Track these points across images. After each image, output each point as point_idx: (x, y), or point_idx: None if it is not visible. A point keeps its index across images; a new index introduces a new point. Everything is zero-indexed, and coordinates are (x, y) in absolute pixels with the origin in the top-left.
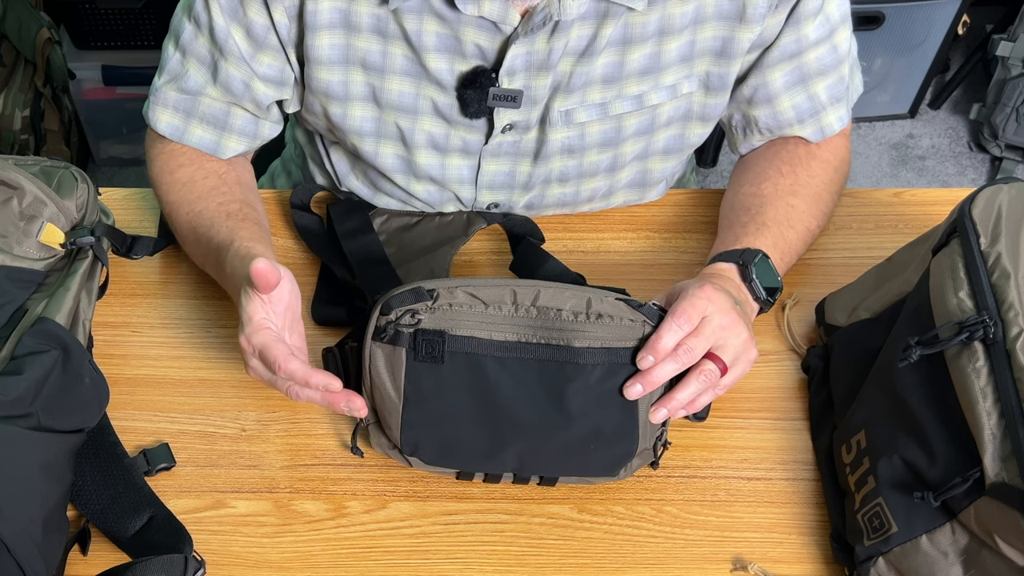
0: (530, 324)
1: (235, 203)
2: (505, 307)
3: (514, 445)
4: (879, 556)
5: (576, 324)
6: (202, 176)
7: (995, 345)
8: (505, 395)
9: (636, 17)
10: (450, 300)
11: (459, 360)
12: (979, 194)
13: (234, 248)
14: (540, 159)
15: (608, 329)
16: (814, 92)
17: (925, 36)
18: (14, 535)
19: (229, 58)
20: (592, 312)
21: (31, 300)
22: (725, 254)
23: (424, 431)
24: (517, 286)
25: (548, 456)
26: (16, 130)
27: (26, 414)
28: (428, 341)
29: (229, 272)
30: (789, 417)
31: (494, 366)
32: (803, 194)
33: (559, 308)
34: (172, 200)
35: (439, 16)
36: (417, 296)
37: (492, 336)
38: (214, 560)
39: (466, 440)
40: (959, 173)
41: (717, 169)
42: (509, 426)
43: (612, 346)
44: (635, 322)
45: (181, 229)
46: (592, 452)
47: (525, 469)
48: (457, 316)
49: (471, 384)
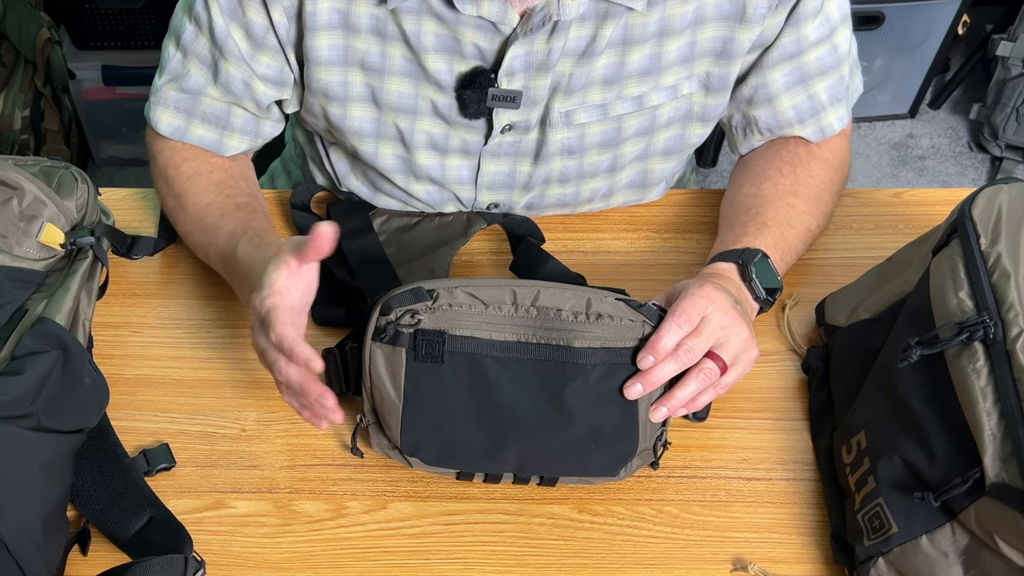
0: (530, 324)
1: (243, 196)
2: (505, 307)
3: (514, 445)
4: (879, 556)
5: (576, 324)
6: (208, 170)
7: (995, 345)
8: (505, 395)
9: (636, 18)
10: (450, 300)
11: (459, 360)
12: (979, 194)
13: (248, 236)
14: (540, 160)
15: (608, 329)
16: (814, 92)
17: (925, 36)
18: (14, 535)
19: (229, 58)
20: (592, 312)
21: (31, 300)
22: (725, 254)
23: (424, 431)
24: (517, 286)
25: (548, 456)
26: (16, 130)
27: (26, 414)
28: (428, 341)
29: (241, 258)
30: (789, 417)
31: (494, 366)
32: (803, 194)
33: (559, 308)
34: (177, 192)
35: (438, 17)
36: (417, 296)
37: (492, 336)
38: (214, 560)
39: (466, 441)
40: (959, 173)
41: (717, 169)
42: (509, 426)
43: (612, 346)
44: (635, 322)
45: (185, 222)
46: (592, 452)
47: (525, 469)
48: (457, 316)
49: (471, 384)
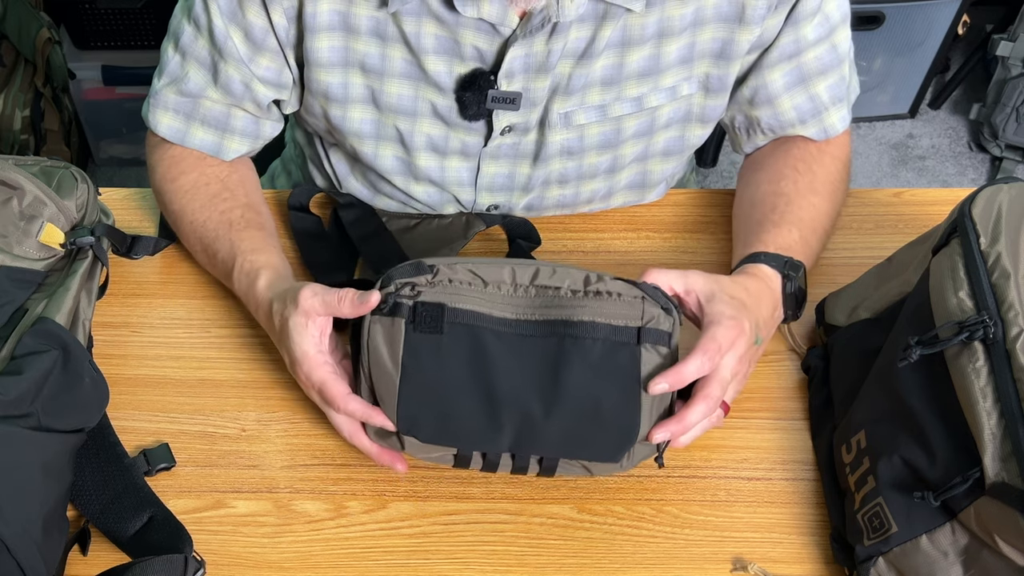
0: (529, 303)
1: (237, 209)
2: (504, 286)
3: (512, 420)
4: (879, 556)
5: (575, 300)
6: (204, 183)
7: (995, 345)
8: (503, 368)
9: (635, 19)
10: (450, 275)
11: (459, 331)
12: (979, 194)
13: (238, 265)
14: (539, 161)
15: (607, 305)
16: (815, 92)
17: (925, 36)
18: (14, 535)
19: (228, 60)
20: (591, 290)
21: (31, 300)
22: (769, 256)
23: (421, 406)
24: (516, 265)
25: (546, 435)
26: (16, 130)
27: (26, 414)
28: (428, 312)
29: (237, 288)
30: (789, 417)
31: (493, 340)
32: (822, 192)
33: (557, 287)
34: (175, 210)
35: (438, 19)
36: (418, 269)
37: (492, 312)
38: (214, 560)
39: (463, 415)
40: (959, 173)
41: (717, 169)
42: (507, 400)
43: (612, 323)
44: (636, 299)
45: (188, 239)
46: (591, 432)
47: (522, 447)
48: (457, 291)
49: (470, 357)
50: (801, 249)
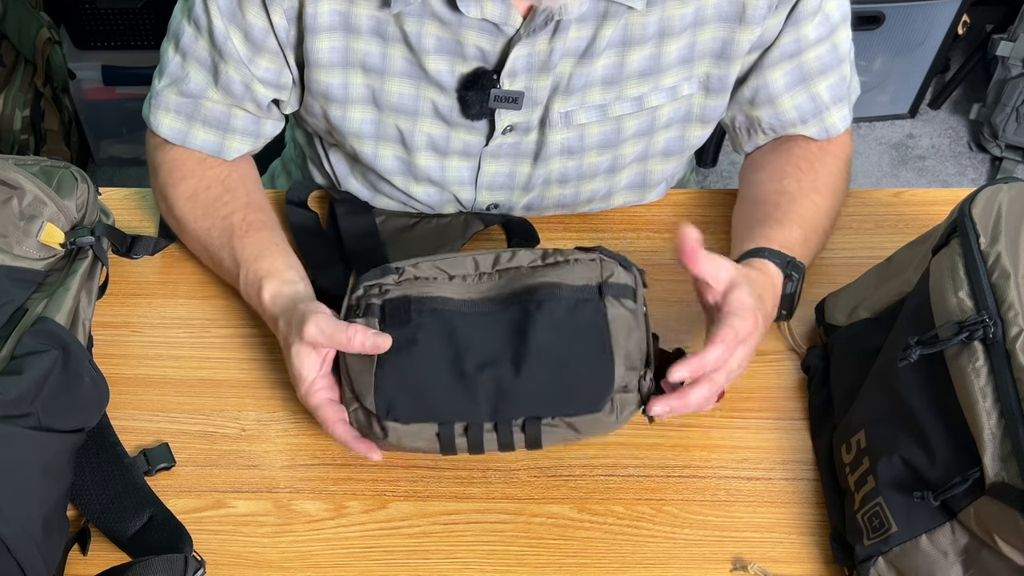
0: (493, 286)
1: (238, 212)
2: (469, 277)
3: (485, 385)
4: (879, 556)
5: (535, 273)
6: (204, 187)
7: (995, 345)
8: (472, 341)
9: (636, 18)
10: (416, 273)
11: (426, 317)
12: (979, 194)
13: (243, 276)
14: (540, 160)
15: (566, 270)
16: (816, 92)
17: (925, 36)
18: (14, 535)
19: (229, 61)
20: (549, 260)
21: (31, 300)
22: (776, 254)
23: (396, 388)
24: (478, 255)
25: (521, 393)
26: (16, 130)
27: (26, 414)
28: (395, 307)
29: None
30: (789, 417)
31: (460, 320)
32: (824, 191)
33: (518, 266)
34: (178, 216)
35: (440, 19)
36: (384, 272)
37: (457, 297)
38: (214, 560)
39: (438, 389)
40: (959, 173)
41: (717, 169)
42: (478, 367)
43: (573, 283)
44: (592, 261)
45: (192, 246)
46: (567, 385)
47: (501, 412)
48: (424, 285)
49: (438, 335)
50: (802, 248)
